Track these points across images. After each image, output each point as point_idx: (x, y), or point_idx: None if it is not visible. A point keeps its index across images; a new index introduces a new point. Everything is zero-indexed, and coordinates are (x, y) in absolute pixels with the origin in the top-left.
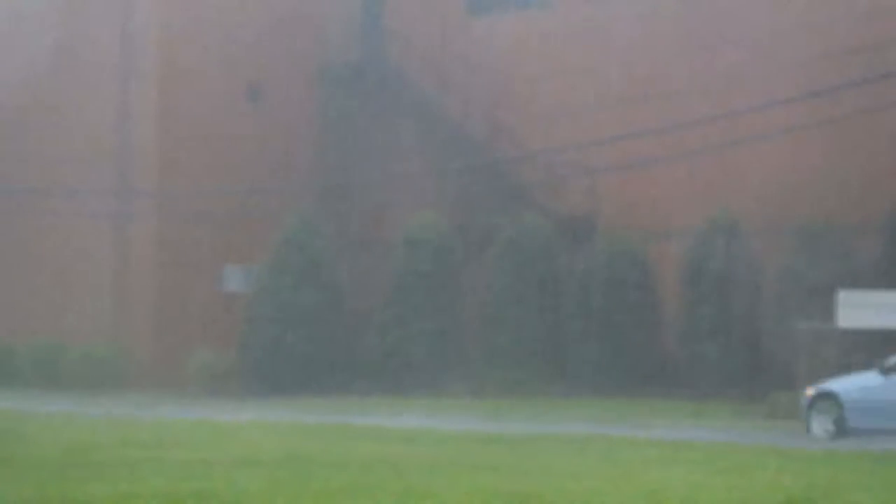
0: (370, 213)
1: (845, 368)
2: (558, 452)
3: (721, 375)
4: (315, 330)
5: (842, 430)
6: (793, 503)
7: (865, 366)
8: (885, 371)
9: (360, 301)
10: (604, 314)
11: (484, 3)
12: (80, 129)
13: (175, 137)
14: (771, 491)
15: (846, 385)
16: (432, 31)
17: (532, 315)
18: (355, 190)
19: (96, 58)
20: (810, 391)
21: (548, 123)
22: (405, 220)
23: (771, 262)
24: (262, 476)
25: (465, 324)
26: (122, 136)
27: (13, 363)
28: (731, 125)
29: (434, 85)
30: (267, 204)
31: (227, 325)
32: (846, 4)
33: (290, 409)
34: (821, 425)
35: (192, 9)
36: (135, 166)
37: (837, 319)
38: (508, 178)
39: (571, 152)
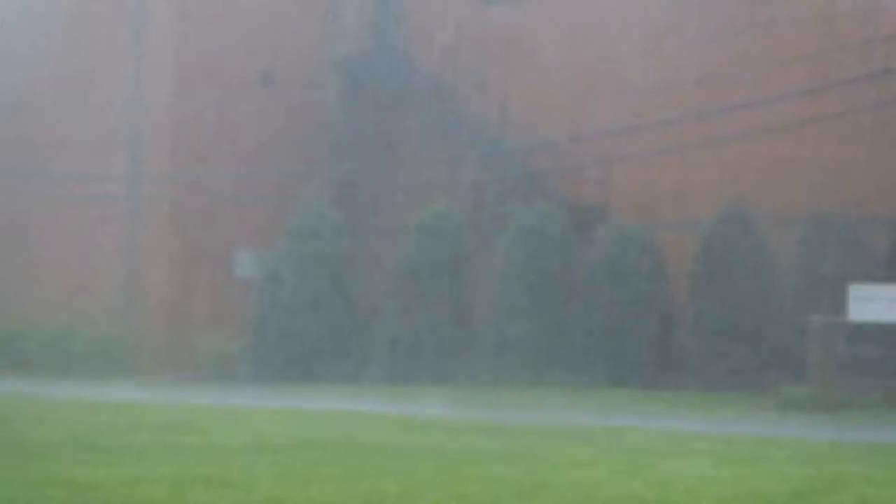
0: (381, 200)
1: (856, 361)
2: (566, 442)
3: (731, 367)
4: (325, 317)
5: None
6: (800, 495)
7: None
8: None
9: (371, 289)
10: (615, 304)
11: None
12: (92, 114)
13: (187, 123)
14: (778, 483)
15: None
16: (445, 19)
17: (543, 305)
18: (367, 177)
19: (109, 43)
20: None
21: (561, 112)
22: (417, 208)
23: (783, 253)
24: (271, 461)
25: (475, 313)
26: (134, 121)
27: (24, 347)
28: (745, 116)
29: (447, 73)
30: (279, 190)
31: (239, 311)
32: None
33: (300, 395)
34: None
35: None
36: (147, 151)
37: (849, 312)
38: (521, 167)
39: (585, 142)
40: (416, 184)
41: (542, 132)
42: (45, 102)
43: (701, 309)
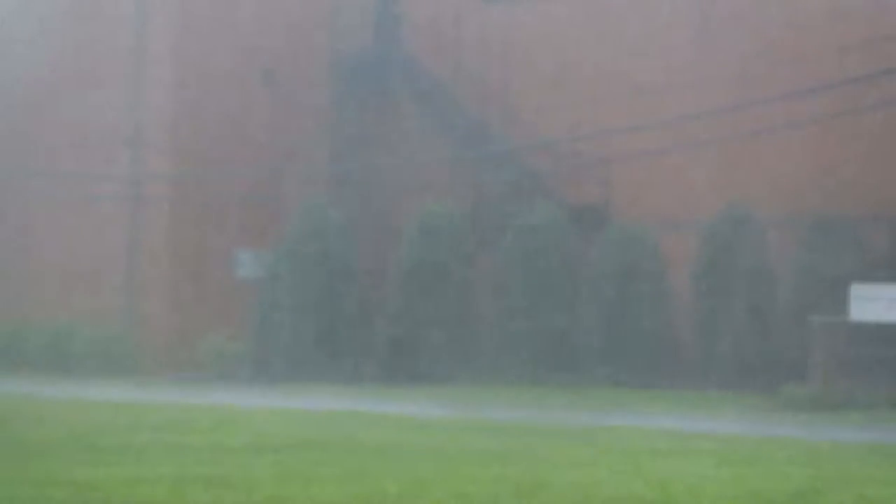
0: (383, 200)
1: (858, 361)
2: (567, 442)
3: (733, 367)
4: (326, 317)
5: None
6: (801, 495)
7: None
8: None
9: (373, 288)
10: (616, 304)
11: None
12: (93, 113)
13: (189, 122)
14: (779, 482)
15: None
16: (446, 18)
17: (544, 304)
18: (368, 177)
19: (111, 42)
20: None
21: (563, 112)
22: (418, 207)
23: (784, 253)
24: (273, 462)
25: (477, 312)
26: (136, 121)
27: (25, 347)
28: (746, 116)
29: (448, 72)
30: (280, 190)
31: (240, 311)
32: None
33: (301, 395)
34: None
35: None
36: (149, 150)
37: (850, 312)
38: (522, 167)
39: (586, 141)
40: (417, 183)
41: (543, 132)
42: (45, 102)
43: (702, 308)
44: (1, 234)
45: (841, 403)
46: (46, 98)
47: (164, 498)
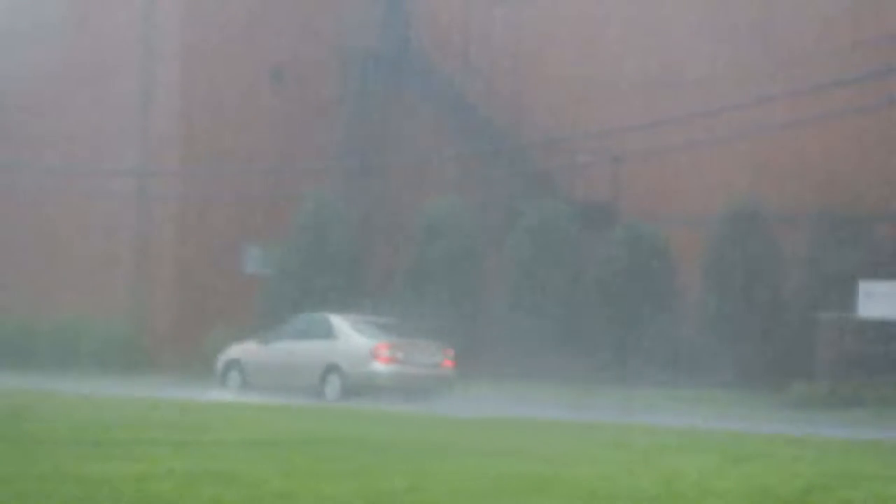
0: (391, 196)
1: (866, 358)
2: (574, 438)
3: (741, 364)
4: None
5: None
6: (809, 492)
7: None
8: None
9: (380, 284)
10: (624, 301)
11: None
12: (102, 109)
13: (198, 118)
14: (788, 479)
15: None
16: (456, 14)
17: (552, 301)
18: (376, 173)
19: (119, 37)
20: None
21: (571, 109)
22: (426, 203)
23: (792, 250)
24: (279, 457)
25: (484, 309)
26: (144, 116)
27: (33, 342)
28: (755, 113)
29: (457, 69)
30: (289, 185)
31: (248, 306)
32: None
33: None
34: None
35: None
36: (157, 146)
37: (859, 309)
38: (531, 164)
39: (595, 138)
40: (426, 180)
41: (551, 129)
42: (53, 98)
43: (711, 305)
44: (9, 230)
45: (849, 400)
46: (54, 94)
47: (172, 493)
